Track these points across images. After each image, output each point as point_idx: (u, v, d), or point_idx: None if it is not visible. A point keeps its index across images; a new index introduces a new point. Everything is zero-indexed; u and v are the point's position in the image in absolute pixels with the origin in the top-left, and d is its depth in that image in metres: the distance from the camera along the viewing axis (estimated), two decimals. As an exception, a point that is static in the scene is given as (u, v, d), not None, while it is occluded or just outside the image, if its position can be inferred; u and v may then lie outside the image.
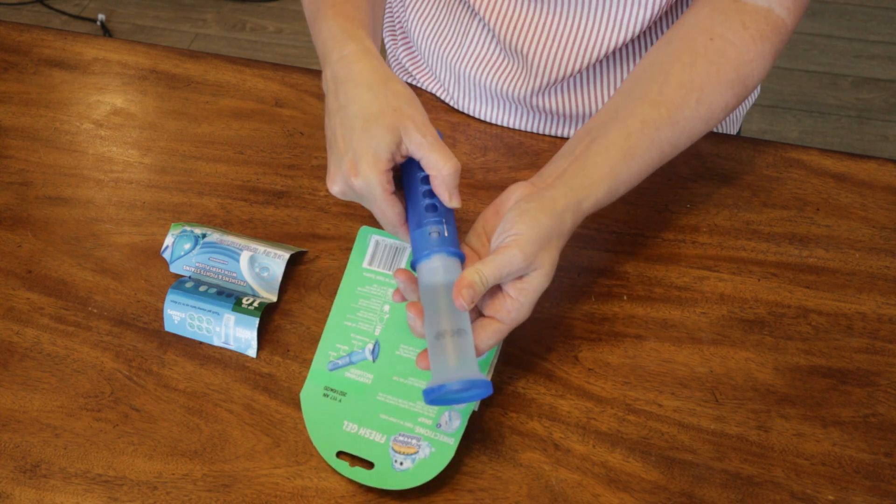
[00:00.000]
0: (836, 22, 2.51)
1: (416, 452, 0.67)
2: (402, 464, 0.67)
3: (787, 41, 0.79)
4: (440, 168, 0.67)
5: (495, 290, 0.67)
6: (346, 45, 0.71)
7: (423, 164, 0.68)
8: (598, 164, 0.71)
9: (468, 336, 0.64)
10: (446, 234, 0.67)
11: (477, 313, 0.68)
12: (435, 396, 0.62)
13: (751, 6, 0.76)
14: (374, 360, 0.72)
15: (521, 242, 0.65)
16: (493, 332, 0.66)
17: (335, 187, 0.69)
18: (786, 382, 0.72)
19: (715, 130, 0.99)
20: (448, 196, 0.68)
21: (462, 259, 0.68)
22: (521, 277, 0.66)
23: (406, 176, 0.71)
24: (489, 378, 0.70)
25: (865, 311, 0.77)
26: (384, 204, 0.68)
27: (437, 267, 0.66)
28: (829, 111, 2.27)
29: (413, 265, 0.67)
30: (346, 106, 0.69)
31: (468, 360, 0.63)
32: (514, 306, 0.66)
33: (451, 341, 0.63)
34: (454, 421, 0.68)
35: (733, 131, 1.05)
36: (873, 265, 0.80)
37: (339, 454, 0.68)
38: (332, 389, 0.71)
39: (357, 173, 0.67)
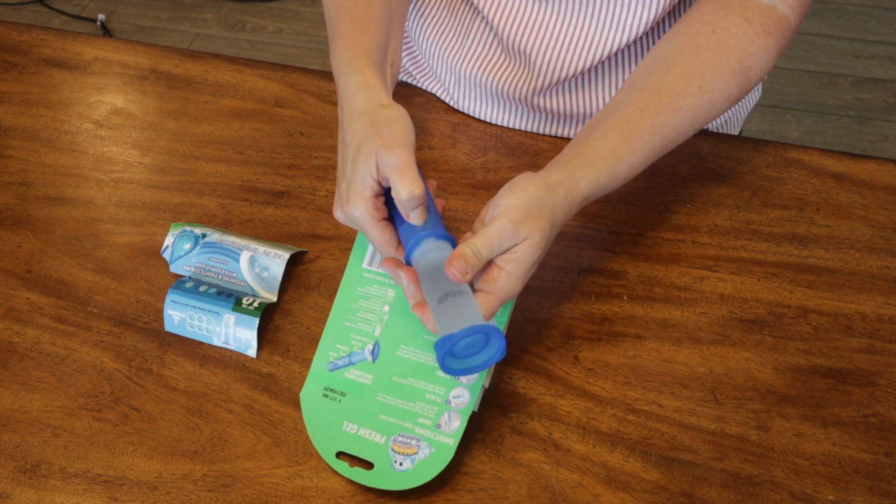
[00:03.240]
0: (836, 22, 2.51)
1: (416, 453, 0.67)
2: (401, 464, 0.67)
3: (791, 38, 0.79)
4: (397, 193, 0.67)
5: (486, 263, 0.68)
6: (348, 78, 0.73)
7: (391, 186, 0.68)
8: (596, 147, 0.72)
9: (469, 296, 0.65)
10: (431, 222, 0.68)
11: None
12: (446, 351, 0.62)
13: (754, 3, 0.77)
14: (373, 361, 0.72)
15: (508, 211, 0.66)
16: (482, 303, 0.66)
17: (337, 214, 0.72)
18: (786, 382, 0.72)
19: (716, 130, 0.99)
20: (405, 215, 0.68)
21: (452, 241, 0.68)
22: (509, 248, 0.67)
23: None
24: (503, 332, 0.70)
25: (865, 311, 0.77)
26: (372, 231, 0.69)
27: (428, 249, 0.67)
28: (829, 111, 2.27)
29: (407, 258, 0.68)
30: (345, 136, 0.71)
31: (473, 313, 0.63)
32: (502, 275, 0.66)
33: (453, 300, 0.64)
34: (454, 421, 0.68)
35: (735, 132, 1.05)
36: (873, 265, 0.80)
37: (339, 454, 0.68)
38: (331, 390, 0.71)
39: (348, 202, 0.69)
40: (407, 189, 0.66)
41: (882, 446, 0.68)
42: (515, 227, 0.65)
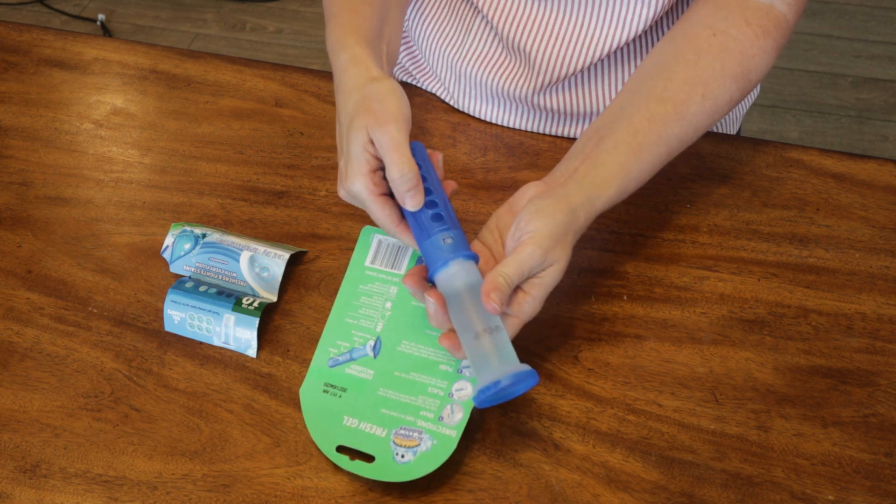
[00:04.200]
0: (836, 22, 2.51)
1: (418, 445, 0.67)
2: (403, 456, 0.67)
3: (789, 37, 0.80)
4: (389, 172, 0.67)
5: None
6: (339, 56, 0.73)
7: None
8: (608, 161, 0.72)
9: (503, 331, 0.66)
10: (457, 240, 0.68)
11: None
12: (487, 396, 0.63)
13: (752, 2, 0.77)
14: (375, 357, 0.72)
15: (538, 238, 0.66)
16: (507, 326, 0.67)
17: (340, 192, 0.72)
18: (786, 382, 0.72)
19: (715, 130, 0.99)
20: (400, 199, 0.68)
21: (476, 260, 0.68)
22: (536, 273, 0.67)
23: None
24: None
25: (865, 311, 0.77)
26: (373, 205, 0.69)
27: (457, 272, 0.67)
28: (829, 111, 2.27)
29: (430, 277, 0.68)
30: (339, 114, 0.72)
31: (510, 355, 0.64)
32: (527, 300, 0.67)
33: (490, 339, 0.64)
34: (456, 414, 0.68)
35: (733, 131, 1.05)
36: (873, 265, 0.80)
37: (339, 449, 0.68)
38: (332, 386, 0.71)
39: (347, 178, 0.69)
40: (398, 169, 0.66)
41: (882, 446, 0.68)
42: (545, 254, 0.66)
